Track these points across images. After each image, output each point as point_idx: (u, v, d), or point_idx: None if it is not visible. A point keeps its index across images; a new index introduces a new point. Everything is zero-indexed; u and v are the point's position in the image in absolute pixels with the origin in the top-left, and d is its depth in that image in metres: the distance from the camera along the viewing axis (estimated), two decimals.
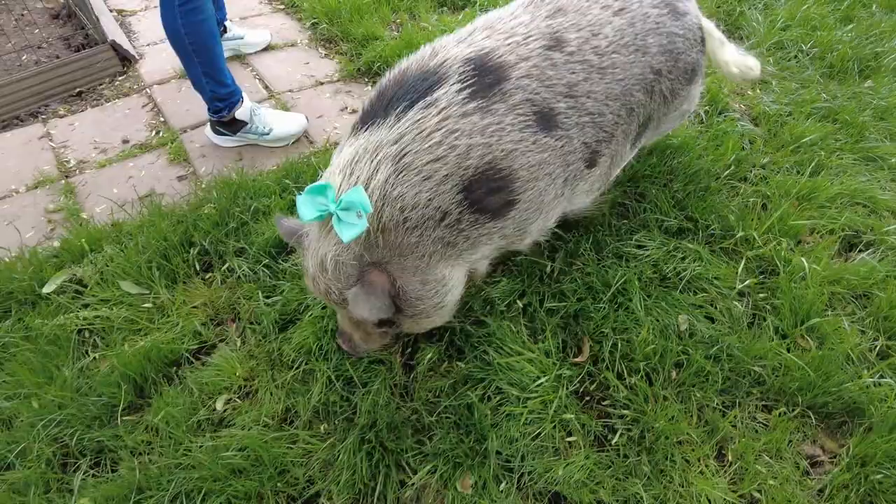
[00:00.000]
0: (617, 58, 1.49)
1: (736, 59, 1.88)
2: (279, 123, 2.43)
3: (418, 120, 1.29)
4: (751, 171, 2.24)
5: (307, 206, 1.25)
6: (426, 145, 1.28)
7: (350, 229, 1.22)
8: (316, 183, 1.26)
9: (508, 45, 1.40)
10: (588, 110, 1.46)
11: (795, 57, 2.82)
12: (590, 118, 1.48)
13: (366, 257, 1.34)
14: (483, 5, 3.17)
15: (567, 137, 1.44)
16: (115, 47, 2.90)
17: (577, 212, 1.86)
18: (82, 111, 2.73)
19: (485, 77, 1.33)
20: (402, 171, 1.28)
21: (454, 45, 1.42)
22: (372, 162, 1.29)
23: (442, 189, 1.29)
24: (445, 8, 3.24)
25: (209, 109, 2.37)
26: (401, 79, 1.38)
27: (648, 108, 1.63)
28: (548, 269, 1.90)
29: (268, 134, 2.42)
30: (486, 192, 1.34)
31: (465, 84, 1.32)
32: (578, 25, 1.48)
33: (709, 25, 1.80)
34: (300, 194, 1.27)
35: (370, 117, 1.36)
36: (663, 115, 1.75)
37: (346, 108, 2.70)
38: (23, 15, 3.46)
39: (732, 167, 2.23)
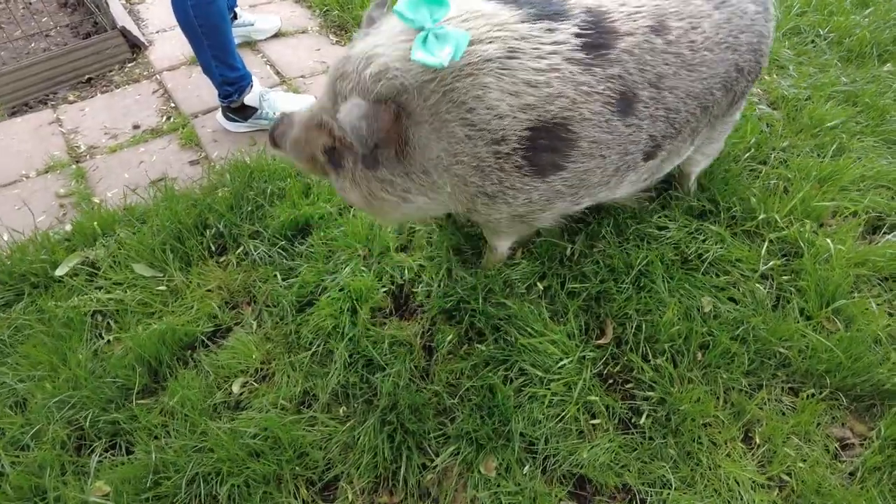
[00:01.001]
0: (707, 56, 1.42)
1: None
2: (290, 106, 2.40)
3: (538, 36, 1.25)
4: (771, 154, 2.21)
5: (413, 5, 1.16)
6: (534, 65, 1.23)
7: (426, 54, 1.13)
8: None
9: (622, 11, 1.34)
10: (667, 105, 1.40)
11: (812, 42, 2.78)
12: (665, 113, 1.42)
13: (402, 95, 1.23)
14: None
15: (637, 127, 1.39)
16: (125, 33, 2.87)
17: (615, 201, 1.81)
18: (92, 97, 2.70)
19: (598, 36, 1.29)
20: (504, 69, 1.22)
21: None
22: (490, 31, 1.23)
23: (519, 114, 1.25)
24: None
25: (219, 94, 2.35)
26: None
27: (721, 105, 1.56)
28: (568, 252, 1.87)
29: None
30: (546, 145, 1.30)
31: (582, 32, 1.28)
32: (681, 14, 1.40)
33: None
34: None
35: None
36: (722, 118, 1.67)
37: None
38: (31, 3, 3.44)
39: (752, 150, 2.19)
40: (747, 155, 2.17)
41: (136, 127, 2.54)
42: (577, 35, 1.27)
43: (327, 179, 1.49)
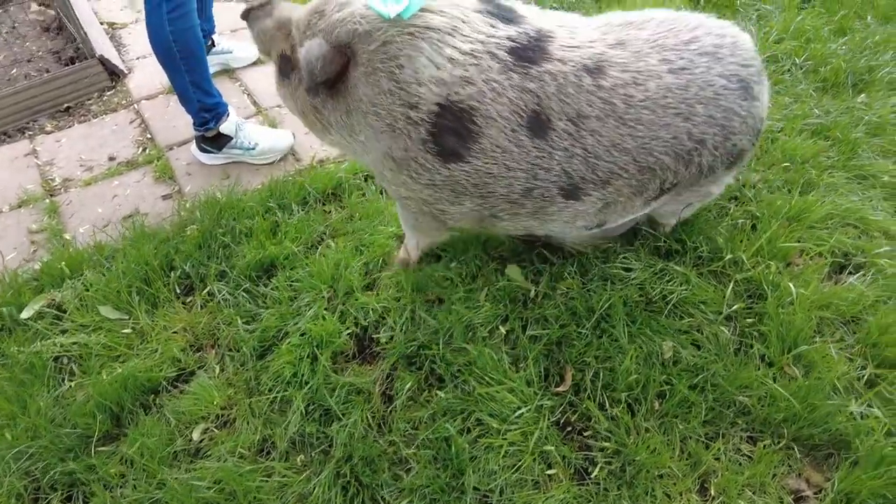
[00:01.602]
0: (645, 115, 1.43)
1: None
2: (265, 138, 2.41)
3: (478, 25, 1.37)
4: (741, 190, 2.21)
5: None
6: (460, 45, 1.34)
7: (381, 4, 1.30)
8: None
9: (565, 43, 1.43)
10: (585, 146, 1.43)
11: (789, 70, 2.79)
12: (583, 153, 1.44)
13: (355, 39, 1.36)
14: None
15: (548, 153, 1.43)
16: (104, 62, 2.88)
17: (558, 239, 1.83)
18: (69, 127, 2.72)
19: (529, 49, 1.39)
20: (439, 42, 1.34)
21: (539, 13, 1.51)
22: (445, 7, 1.37)
23: (434, 87, 1.35)
24: None
25: (195, 123, 2.35)
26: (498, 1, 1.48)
27: (679, 174, 1.56)
28: (531, 294, 1.88)
29: (253, 149, 2.40)
30: (450, 128, 1.38)
31: (517, 39, 1.39)
32: (626, 66, 1.42)
33: None
34: None
35: None
36: (690, 187, 1.68)
37: None
38: (14, 27, 3.46)
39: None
40: None
41: (111, 158, 2.55)
42: (510, 39, 1.38)
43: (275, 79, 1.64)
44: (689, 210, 1.93)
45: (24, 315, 1.84)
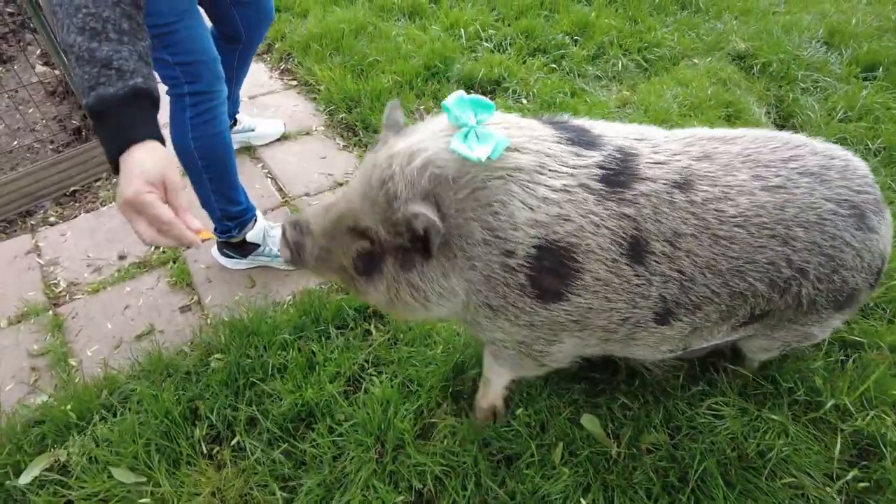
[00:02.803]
0: (739, 233, 1.28)
1: None
2: None
3: (563, 157, 1.25)
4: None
5: (460, 104, 1.19)
6: (552, 182, 1.22)
7: (466, 146, 1.15)
8: (483, 98, 1.20)
9: (652, 158, 1.30)
10: (681, 268, 1.29)
11: (862, 156, 2.56)
12: (679, 276, 1.29)
13: (439, 186, 1.19)
14: (516, 92, 2.92)
15: (648, 280, 1.29)
16: None
17: (637, 361, 1.64)
18: (75, 217, 2.47)
19: (620, 173, 1.26)
20: (530, 181, 1.21)
21: (613, 127, 1.39)
22: (528, 142, 1.24)
23: (530, 229, 1.21)
24: (473, 92, 2.98)
25: (216, 230, 2.11)
26: (569, 123, 1.37)
27: (771, 303, 1.38)
28: (613, 453, 1.63)
29: (281, 256, 2.15)
30: (550, 269, 1.25)
31: (606, 164, 1.26)
32: (715, 180, 1.30)
33: None
34: (461, 94, 1.20)
35: (553, 120, 1.36)
36: (787, 322, 1.47)
37: None
38: (16, 91, 3.22)
39: None
40: None
41: (121, 257, 2.30)
42: (600, 166, 1.25)
43: (348, 285, 1.40)
44: (784, 349, 1.69)
45: (23, 481, 1.58)
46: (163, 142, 1.15)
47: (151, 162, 1.09)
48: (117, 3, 1.09)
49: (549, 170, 1.23)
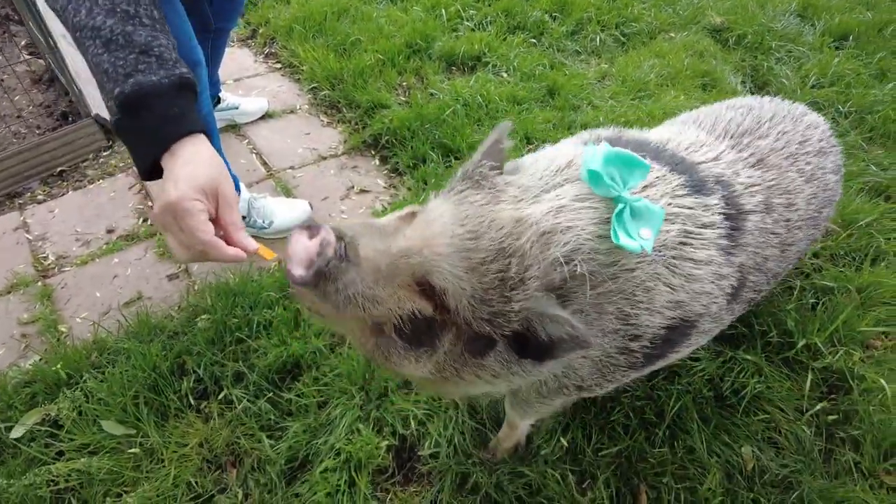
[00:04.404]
0: (798, 234, 1.26)
1: None
2: (280, 214, 2.21)
3: (700, 217, 1.04)
4: (804, 260, 2.03)
5: (607, 161, 0.92)
6: (696, 255, 1.02)
7: (628, 237, 0.89)
8: (633, 155, 0.94)
9: (741, 183, 1.17)
10: (756, 288, 1.24)
11: (833, 120, 2.63)
12: (754, 295, 1.26)
13: (571, 281, 0.92)
14: (496, 66, 2.97)
15: (733, 312, 1.23)
16: (99, 121, 2.68)
17: None
18: (63, 195, 2.50)
19: (735, 216, 1.10)
20: (676, 258, 1.00)
21: (670, 139, 1.21)
22: (670, 207, 1.01)
23: (667, 311, 1.03)
24: (454, 68, 3.03)
25: None
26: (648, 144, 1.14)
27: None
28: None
29: (267, 227, 2.19)
30: (670, 339, 1.09)
31: (726, 210, 1.08)
32: (780, 188, 1.23)
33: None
34: (607, 151, 0.94)
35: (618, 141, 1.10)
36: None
37: (353, 186, 2.48)
38: (2, 80, 3.25)
39: None
40: None
41: (109, 231, 2.33)
42: (725, 216, 1.07)
43: (366, 345, 1.01)
44: None
45: (15, 435, 1.61)
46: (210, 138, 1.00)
47: (204, 166, 0.92)
48: None
49: (693, 238, 1.03)
